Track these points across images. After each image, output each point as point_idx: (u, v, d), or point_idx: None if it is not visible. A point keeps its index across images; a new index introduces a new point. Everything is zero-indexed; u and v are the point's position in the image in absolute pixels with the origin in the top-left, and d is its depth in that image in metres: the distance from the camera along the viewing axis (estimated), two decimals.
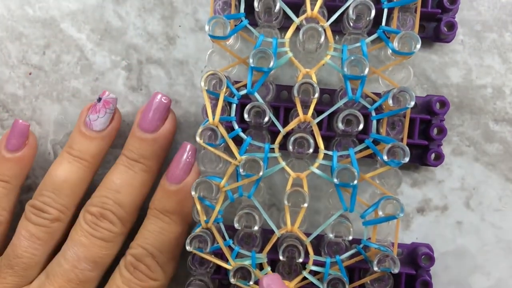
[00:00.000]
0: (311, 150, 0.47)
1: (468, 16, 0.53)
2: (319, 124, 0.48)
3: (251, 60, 0.46)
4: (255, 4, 0.47)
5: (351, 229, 0.48)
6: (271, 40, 0.47)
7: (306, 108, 0.47)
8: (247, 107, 0.47)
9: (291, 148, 0.47)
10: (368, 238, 0.49)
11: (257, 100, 0.48)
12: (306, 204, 0.47)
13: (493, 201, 0.53)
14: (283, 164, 0.49)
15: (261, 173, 0.47)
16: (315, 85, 0.46)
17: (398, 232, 0.49)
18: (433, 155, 0.51)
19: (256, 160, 0.47)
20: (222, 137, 0.48)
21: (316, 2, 0.47)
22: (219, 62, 0.51)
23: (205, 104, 0.48)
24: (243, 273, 0.48)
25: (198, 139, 0.47)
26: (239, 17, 0.48)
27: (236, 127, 0.49)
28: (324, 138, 0.49)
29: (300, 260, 0.47)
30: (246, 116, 0.47)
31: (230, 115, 0.49)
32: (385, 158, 0.46)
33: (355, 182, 0.46)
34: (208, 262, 0.50)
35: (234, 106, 0.49)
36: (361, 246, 0.49)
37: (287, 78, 0.54)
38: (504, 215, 0.53)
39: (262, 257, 0.49)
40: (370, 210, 0.48)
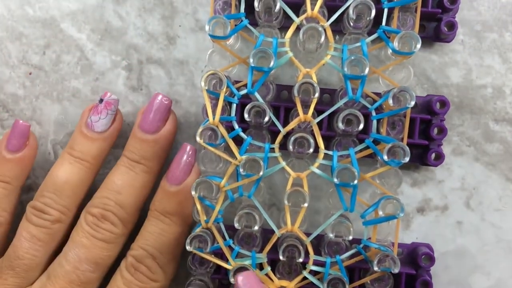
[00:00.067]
0: (311, 150, 0.47)
1: (468, 16, 0.53)
2: (319, 124, 0.48)
3: (251, 60, 0.46)
4: (255, 4, 0.47)
5: (351, 229, 0.48)
6: (271, 40, 0.47)
7: (306, 108, 0.47)
8: (247, 107, 0.47)
9: (291, 148, 0.47)
10: (368, 238, 0.49)
11: (257, 100, 0.48)
12: (306, 204, 0.47)
13: (493, 201, 0.53)
14: (283, 164, 0.49)
15: (261, 173, 0.47)
16: (316, 85, 0.46)
17: (398, 232, 0.49)
18: (433, 155, 0.51)
19: (256, 160, 0.47)
20: (222, 137, 0.48)
21: (316, 2, 0.47)
22: (219, 62, 0.51)
23: (205, 104, 0.48)
24: None
25: (198, 139, 0.47)
26: (239, 17, 0.48)
27: (236, 127, 0.49)
28: (324, 138, 0.49)
29: (300, 260, 0.47)
30: (246, 116, 0.47)
31: (230, 115, 0.49)
32: (385, 158, 0.46)
33: (355, 182, 0.46)
34: (208, 262, 0.50)
35: (234, 106, 0.49)
36: (361, 246, 0.49)
37: (287, 78, 0.54)
38: (504, 215, 0.53)
39: (262, 257, 0.48)
40: (370, 210, 0.48)
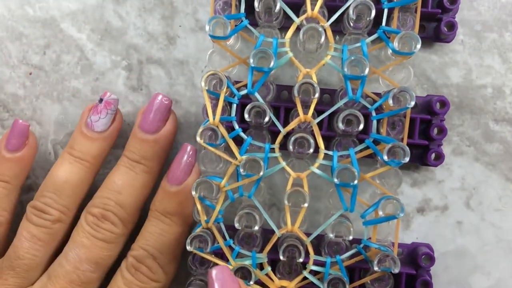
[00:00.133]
0: (311, 150, 0.47)
1: (468, 16, 0.53)
2: (320, 124, 0.48)
3: (251, 60, 0.46)
4: (256, 4, 0.47)
5: (352, 229, 0.48)
6: (272, 40, 0.47)
7: (306, 108, 0.47)
8: (248, 107, 0.47)
9: (291, 148, 0.47)
10: (369, 238, 0.49)
11: (257, 100, 0.48)
12: (306, 204, 0.47)
13: (493, 201, 0.53)
14: (283, 164, 0.49)
15: (261, 173, 0.47)
16: (316, 85, 0.46)
17: (398, 232, 0.49)
18: (433, 155, 0.51)
19: (256, 160, 0.47)
20: (223, 137, 0.48)
21: (316, 2, 0.47)
22: (219, 62, 0.51)
23: (205, 104, 0.48)
24: (244, 273, 0.48)
25: (199, 139, 0.47)
26: (240, 17, 0.48)
27: (236, 127, 0.49)
28: (324, 138, 0.49)
29: (301, 260, 0.47)
30: (246, 116, 0.47)
31: (230, 115, 0.49)
32: (385, 158, 0.46)
33: (356, 182, 0.46)
34: (209, 262, 0.50)
35: (235, 106, 0.49)
36: (361, 246, 0.49)
37: (287, 78, 0.54)
38: (504, 215, 0.53)
39: (263, 257, 0.48)
40: (370, 210, 0.48)
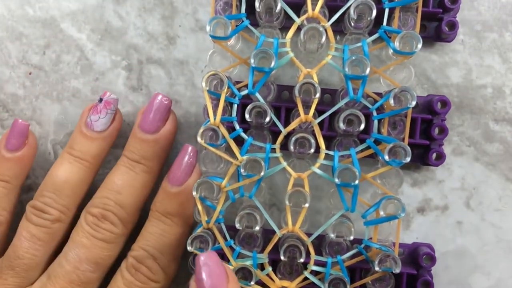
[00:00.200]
0: (312, 150, 0.47)
1: (468, 16, 0.53)
2: (320, 124, 0.48)
3: (252, 61, 0.46)
4: (256, 4, 0.47)
5: (352, 229, 0.48)
6: (272, 40, 0.47)
7: (307, 108, 0.47)
8: (249, 107, 0.47)
9: (292, 148, 0.47)
10: (369, 238, 0.49)
11: (258, 100, 0.48)
12: (307, 204, 0.47)
13: (493, 201, 0.53)
14: (284, 164, 0.48)
15: (262, 173, 0.47)
16: (317, 85, 0.46)
17: (399, 232, 0.49)
18: (434, 155, 0.51)
19: (257, 160, 0.47)
20: (223, 137, 0.48)
21: (317, 2, 0.47)
22: (220, 63, 0.51)
23: (206, 104, 0.48)
24: (244, 273, 0.48)
25: (200, 139, 0.47)
26: (240, 17, 0.48)
27: (237, 127, 0.48)
28: (325, 138, 0.49)
29: (302, 260, 0.47)
30: (247, 116, 0.47)
31: (231, 115, 0.49)
32: (386, 158, 0.46)
33: (357, 182, 0.46)
34: None
35: (235, 107, 0.48)
36: (362, 246, 0.48)
37: (287, 78, 0.54)
38: (504, 215, 0.53)
39: (263, 257, 0.48)
40: (371, 210, 0.48)
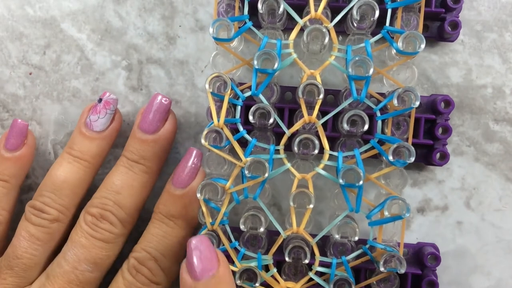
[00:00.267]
0: (316, 151, 0.47)
1: (468, 16, 0.53)
2: (324, 125, 0.49)
3: (255, 62, 0.46)
4: (259, 6, 0.47)
5: (357, 229, 0.48)
6: (275, 41, 0.47)
7: (311, 109, 0.47)
8: (252, 109, 0.47)
9: (296, 149, 0.47)
10: (374, 238, 0.49)
11: (261, 101, 0.48)
12: (312, 205, 0.47)
13: (493, 201, 0.54)
14: (288, 165, 0.48)
15: (266, 174, 0.47)
16: (320, 86, 0.46)
17: (404, 232, 0.49)
18: (438, 155, 0.51)
19: (261, 161, 0.47)
20: (227, 139, 0.48)
21: (320, 3, 0.47)
22: (223, 64, 0.51)
23: (209, 106, 0.48)
24: (249, 275, 0.48)
25: (203, 141, 0.47)
26: (243, 19, 0.48)
27: (241, 129, 0.48)
28: (329, 138, 0.49)
29: (306, 261, 0.47)
30: (251, 118, 0.47)
31: (234, 117, 0.49)
32: (390, 158, 0.46)
33: (361, 183, 0.46)
34: None
35: (239, 108, 0.48)
36: (367, 246, 0.49)
37: (287, 78, 0.54)
38: (504, 215, 0.54)
39: (268, 258, 0.48)
40: (376, 211, 0.48)
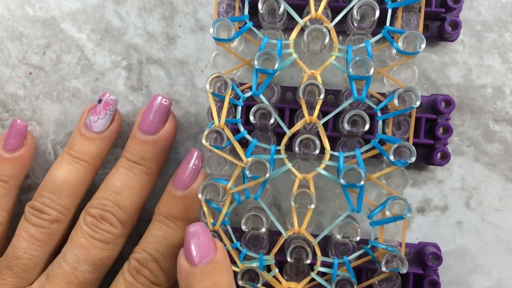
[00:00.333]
0: (317, 151, 0.47)
1: (468, 16, 0.53)
2: (325, 125, 0.48)
3: (256, 62, 0.46)
4: (259, 6, 0.47)
5: (359, 229, 0.48)
6: (275, 42, 0.47)
7: (311, 109, 0.47)
8: (253, 109, 0.47)
9: (297, 150, 0.47)
10: (376, 238, 0.49)
11: (262, 102, 0.48)
12: (313, 205, 0.47)
13: (493, 201, 0.54)
14: (289, 166, 0.48)
15: (267, 174, 0.47)
16: (321, 86, 0.46)
17: (405, 232, 0.49)
18: (439, 155, 0.51)
19: (262, 162, 0.47)
20: (228, 139, 0.48)
21: (320, 3, 0.47)
22: (223, 65, 0.51)
23: (210, 106, 0.48)
24: (251, 275, 0.48)
25: (204, 141, 0.47)
26: (243, 19, 0.48)
27: (242, 129, 0.48)
28: (329, 139, 0.49)
29: (308, 261, 0.47)
30: (251, 118, 0.47)
31: (235, 117, 0.49)
32: (391, 158, 0.46)
33: (362, 183, 0.46)
34: None
35: (240, 108, 0.48)
36: (368, 246, 0.49)
37: (288, 79, 0.54)
38: (504, 215, 0.54)
39: (270, 258, 0.48)
40: (377, 211, 0.48)
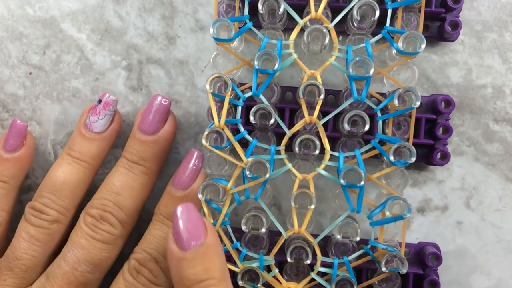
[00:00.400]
0: (317, 152, 0.47)
1: (468, 16, 0.53)
2: (325, 125, 0.48)
3: (256, 62, 0.46)
4: (259, 6, 0.47)
5: (359, 230, 0.48)
6: (275, 42, 0.47)
7: (311, 110, 0.47)
8: (253, 109, 0.47)
9: (297, 150, 0.47)
10: (375, 238, 0.49)
11: (262, 102, 0.48)
12: (313, 206, 0.47)
13: (493, 201, 0.54)
14: (289, 166, 0.48)
15: (267, 175, 0.47)
16: (321, 86, 0.46)
17: (405, 232, 0.49)
18: (439, 155, 0.51)
19: (262, 162, 0.47)
20: (228, 139, 0.48)
21: (320, 3, 0.47)
22: (223, 65, 0.51)
23: (210, 106, 0.48)
24: (251, 275, 0.48)
25: (204, 142, 0.47)
26: (243, 19, 0.48)
27: (242, 129, 0.48)
28: (329, 139, 0.49)
29: (308, 261, 0.47)
30: (252, 118, 0.47)
31: (235, 117, 0.49)
32: (391, 158, 0.46)
33: (362, 183, 0.46)
34: None
35: (240, 109, 0.48)
36: (368, 246, 0.49)
37: (288, 79, 0.54)
38: (504, 215, 0.54)
39: (270, 259, 0.48)
40: (377, 211, 0.48)
